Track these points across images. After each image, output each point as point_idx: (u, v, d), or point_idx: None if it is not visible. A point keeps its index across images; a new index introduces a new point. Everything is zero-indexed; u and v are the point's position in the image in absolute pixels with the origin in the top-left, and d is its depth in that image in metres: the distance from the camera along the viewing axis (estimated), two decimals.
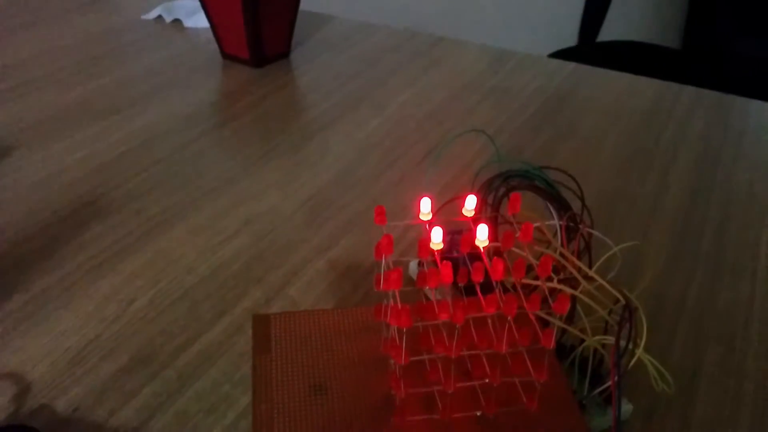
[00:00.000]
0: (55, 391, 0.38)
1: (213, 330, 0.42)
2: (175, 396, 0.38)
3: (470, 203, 0.32)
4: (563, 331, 0.36)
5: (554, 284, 0.32)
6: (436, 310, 0.28)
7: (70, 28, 0.86)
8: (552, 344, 0.27)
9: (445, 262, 0.28)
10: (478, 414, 0.30)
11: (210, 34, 0.80)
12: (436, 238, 0.29)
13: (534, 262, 0.32)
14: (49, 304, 0.44)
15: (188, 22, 0.87)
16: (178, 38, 0.84)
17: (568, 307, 0.27)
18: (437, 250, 0.29)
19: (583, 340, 0.35)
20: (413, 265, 0.45)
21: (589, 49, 1.47)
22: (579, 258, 0.35)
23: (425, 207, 0.31)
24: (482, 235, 0.30)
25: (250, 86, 0.72)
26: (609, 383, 0.33)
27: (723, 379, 0.39)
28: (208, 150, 0.61)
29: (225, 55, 0.78)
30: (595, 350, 0.35)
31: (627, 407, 0.36)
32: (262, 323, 0.35)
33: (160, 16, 0.89)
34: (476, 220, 0.32)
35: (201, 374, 0.39)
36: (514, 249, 0.33)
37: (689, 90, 0.72)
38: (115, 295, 0.44)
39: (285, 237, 0.50)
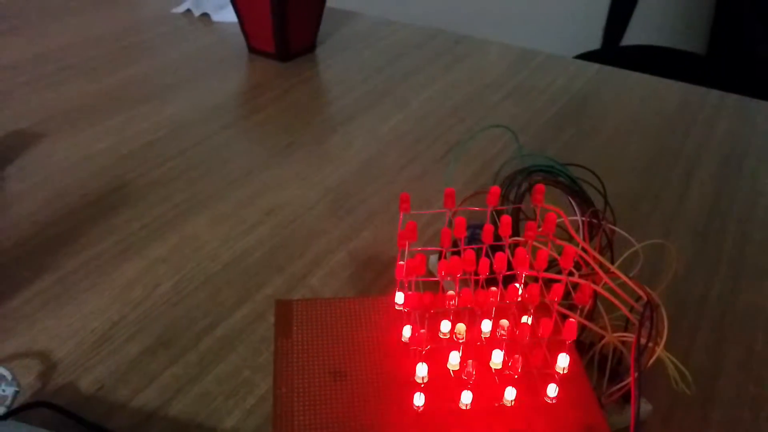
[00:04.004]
0: (80, 369, 0.39)
1: (234, 316, 0.43)
2: (196, 379, 0.38)
3: (493, 195, 0.32)
4: (583, 328, 0.36)
5: (575, 279, 0.32)
6: (458, 297, 0.28)
7: (102, 19, 0.87)
8: (574, 336, 0.27)
9: (467, 250, 0.28)
10: (497, 405, 0.30)
11: (237, 29, 0.81)
12: (460, 227, 0.29)
13: (556, 255, 0.32)
14: (77, 285, 0.45)
15: (216, 17, 0.88)
16: (206, 32, 0.85)
17: (590, 297, 0.27)
18: (460, 238, 0.30)
19: (602, 338, 0.35)
20: (433, 259, 0.45)
21: (612, 53, 1.46)
22: (601, 255, 0.35)
23: (449, 197, 0.31)
24: (506, 225, 0.30)
25: (276, 79, 0.73)
26: (627, 381, 0.33)
27: (744, 383, 0.39)
28: (232, 141, 0.62)
29: (251, 49, 0.79)
30: (615, 348, 0.35)
31: (646, 407, 0.36)
32: (284, 308, 0.36)
33: (188, 10, 0.90)
34: (498, 211, 0.32)
35: (222, 359, 0.40)
36: (535, 243, 0.34)
37: (714, 93, 0.71)
38: (140, 279, 0.45)
39: (307, 227, 0.50)
